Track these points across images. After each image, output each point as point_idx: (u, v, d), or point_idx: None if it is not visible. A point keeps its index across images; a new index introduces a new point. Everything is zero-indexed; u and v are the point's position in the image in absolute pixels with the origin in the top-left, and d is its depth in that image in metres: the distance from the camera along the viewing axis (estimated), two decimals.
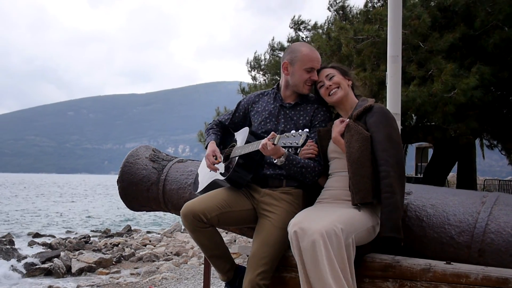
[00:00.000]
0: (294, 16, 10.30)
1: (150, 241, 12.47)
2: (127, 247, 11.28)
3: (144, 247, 11.53)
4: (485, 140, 11.32)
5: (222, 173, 2.16)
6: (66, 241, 12.28)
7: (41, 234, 15.37)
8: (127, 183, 2.79)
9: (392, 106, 3.12)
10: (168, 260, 9.21)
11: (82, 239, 12.79)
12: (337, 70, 2.11)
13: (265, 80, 11.09)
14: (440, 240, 1.90)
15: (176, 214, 2.58)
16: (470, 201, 1.96)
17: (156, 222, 20.66)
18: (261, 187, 2.10)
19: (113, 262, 9.41)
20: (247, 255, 2.04)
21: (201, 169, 2.42)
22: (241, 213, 2.09)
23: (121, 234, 15.00)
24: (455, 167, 11.59)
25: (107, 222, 20.36)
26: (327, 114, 2.15)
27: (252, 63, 11.44)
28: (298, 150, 1.89)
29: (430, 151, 15.46)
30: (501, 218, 1.84)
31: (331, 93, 2.07)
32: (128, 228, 16.45)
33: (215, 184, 2.20)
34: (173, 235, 13.10)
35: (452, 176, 15.77)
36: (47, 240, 13.43)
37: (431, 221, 1.94)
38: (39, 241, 13.46)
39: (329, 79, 2.08)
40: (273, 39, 11.19)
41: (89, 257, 9.36)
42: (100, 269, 8.81)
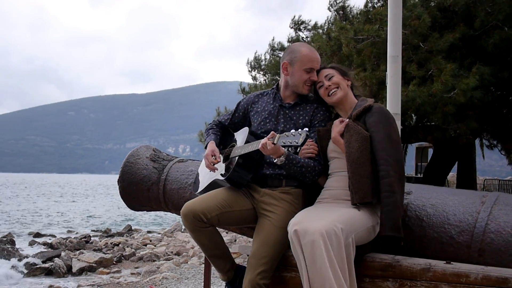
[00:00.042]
0: (294, 16, 10.28)
1: (150, 240, 12.46)
2: (127, 246, 11.28)
3: (144, 246, 11.53)
4: (485, 140, 11.31)
5: (222, 173, 2.16)
6: (67, 241, 12.28)
7: (42, 233, 15.38)
8: (128, 183, 2.79)
9: (392, 106, 3.13)
10: (169, 260, 9.21)
11: (82, 239, 12.80)
12: (336, 70, 2.12)
13: (265, 80, 11.08)
14: (440, 240, 1.90)
15: (176, 214, 2.59)
16: (470, 200, 1.96)
17: (157, 222, 20.68)
18: (261, 187, 2.11)
19: (114, 262, 9.40)
20: (248, 255, 2.04)
21: (201, 169, 2.42)
22: (241, 213, 2.09)
23: (121, 234, 15.00)
24: (455, 167, 11.58)
25: (107, 222, 20.38)
26: (327, 113, 2.15)
27: (252, 63, 11.44)
28: (298, 149, 1.89)
29: (430, 151, 15.46)
30: (501, 218, 1.84)
31: (331, 93, 2.08)
32: (129, 228, 16.46)
33: (215, 184, 2.20)
34: (174, 235, 13.11)
35: (452, 176, 15.77)
36: (47, 240, 13.44)
37: (431, 220, 1.94)
38: (40, 240, 13.47)
39: (328, 80, 2.09)
40: (273, 39, 11.19)
41: (89, 256, 9.36)
42: (101, 269, 8.80)
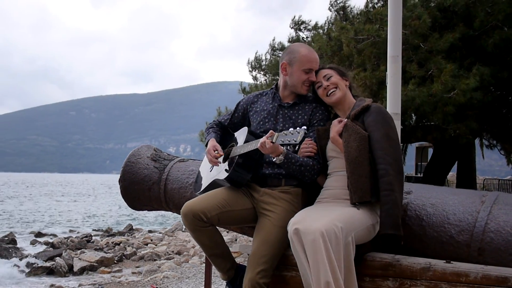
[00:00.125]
0: (294, 17, 10.29)
1: (151, 240, 12.47)
2: (128, 246, 11.29)
3: (145, 246, 11.54)
4: (484, 140, 11.30)
5: (221, 173, 2.16)
6: (68, 240, 12.31)
7: (43, 233, 15.42)
8: (129, 183, 2.80)
9: (392, 106, 3.14)
10: (170, 259, 9.22)
11: (84, 238, 12.83)
12: (335, 70, 2.12)
13: (266, 80, 11.08)
14: (440, 239, 1.91)
15: (177, 213, 2.59)
16: (469, 200, 1.97)
17: (158, 221, 20.70)
18: (260, 186, 2.11)
19: (115, 261, 9.42)
20: (248, 254, 2.04)
21: (202, 169, 2.43)
22: (241, 212, 2.09)
23: (122, 233, 15.03)
24: (455, 167, 11.57)
25: (109, 221, 20.42)
26: (326, 113, 2.15)
27: (253, 63, 11.44)
28: (296, 147, 1.90)
29: (430, 151, 15.44)
30: (500, 217, 1.84)
31: (329, 93, 2.08)
32: (130, 227, 16.49)
33: (215, 184, 2.20)
34: (175, 234, 13.12)
35: (452, 175, 15.76)
36: (49, 239, 13.47)
37: (431, 220, 1.94)
38: (41, 240, 13.51)
39: (326, 80, 2.10)
40: (274, 39, 11.20)
41: (91, 256, 9.38)
42: (102, 268, 8.82)
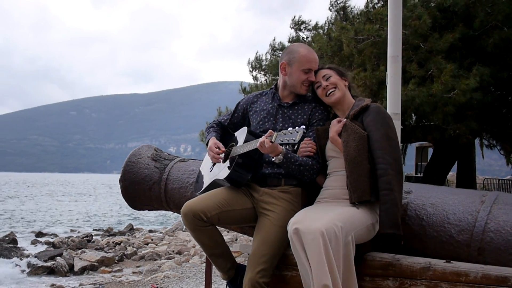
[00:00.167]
0: (294, 17, 10.30)
1: (152, 239, 12.48)
2: (129, 245, 11.30)
3: (146, 245, 11.55)
4: (484, 140, 11.31)
5: (221, 173, 2.17)
6: (69, 240, 12.33)
7: (44, 233, 15.44)
8: (129, 182, 2.80)
9: (392, 105, 3.14)
10: (170, 259, 9.23)
11: (84, 238, 12.85)
12: (334, 71, 2.13)
13: (266, 80, 11.09)
14: (439, 239, 1.91)
15: (177, 213, 2.60)
16: (469, 200, 1.97)
17: (159, 221, 20.72)
18: (260, 186, 2.11)
19: (116, 261, 9.43)
20: (248, 254, 2.05)
21: (202, 169, 2.43)
22: (241, 211, 2.09)
23: (123, 233, 15.05)
24: (455, 167, 11.58)
25: (109, 221, 20.45)
26: (325, 112, 2.16)
27: (253, 63, 11.45)
28: (295, 147, 1.90)
29: (430, 151, 15.44)
30: (500, 217, 1.85)
31: (328, 93, 2.09)
32: (130, 227, 16.51)
33: (215, 184, 2.21)
34: (175, 234, 13.12)
35: (452, 175, 15.77)
36: (50, 239, 13.49)
37: (431, 220, 1.95)
38: (42, 239, 13.53)
39: (326, 80, 2.10)
40: (274, 40, 11.19)
41: (91, 255, 9.39)
42: (103, 268, 8.83)
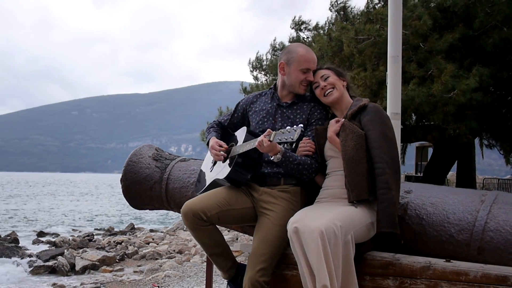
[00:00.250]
0: (294, 17, 10.33)
1: (153, 239, 12.50)
2: (130, 245, 11.32)
3: (147, 245, 11.57)
4: (484, 139, 11.30)
5: (221, 173, 2.18)
6: (70, 239, 12.36)
7: (46, 232, 15.47)
8: (130, 182, 2.81)
9: (392, 105, 3.14)
10: (171, 258, 9.24)
11: (86, 237, 12.88)
12: (332, 71, 2.13)
13: (266, 80, 11.10)
14: (439, 238, 1.91)
15: (178, 212, 2.60)
16: (469, 199, 1.97)
17: (160, 221, 20.75)
18: (260, 185, 2.12)
19: (117, 260, 9.45)
20: (249, 253, 2.06)
21: (203, 169, 2.44)
22: (241, 211, 2.10)
23: (124, 232, 15.07)
24: (455, 166, 11.58)
25: (110, 220, 20.48)
26: (324, 112, 2.16)
27: (254, 63, 11.47)
28: (293, 145, 1.92)
29: (430, 150, 15.44)
30: (500, 217, 1.85)
31: (326, 93, 2.10)
32: (132, 226, 16.54)
33: (215, 184, 2.21)
34: (176, 233, 13.15)
35: (452, 175, 15.77)
36: (51, 238, 13.52)
37: (431, 219, 1.95)
38: (44, 239, 13.55)
39: (324, 80, 2.11)
40: (275, 40, 11.24)
41: (92, 255, 9.41)
42: (104, 267, 8.84)
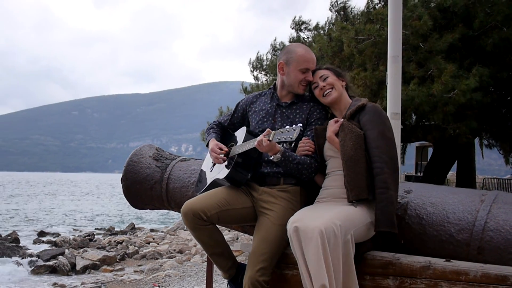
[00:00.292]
0: (295, 17, 10.34)
1: (153, 239, 12.52)
2: (131, 244, 11.34)
3: (147, 244, 11.59)
4: (484, 139, 11.30)
5: (221, 173, 2.18)
6: (71, 239, 12.38)
7: (46, 232, 15.49)
8: (131, 182, 2.81)
9: (392, 105, 3.14)
10: (171, 258, 9.26)
11: (86, 237, 12.90)
12: (331, 71, 2.14)
13: (267, 80, 11.11)
14: (439, 238, 1.91)
15: (179, 212, 2.60)
16: (469, 199, 1.97)
17: (160, 220, 20.77)
18: (260, 185, 2.12)
19: (117, 260, 9.46)
20: (249, 253, 2.06)
21: (203, 169, 2.44)
22: (241, 210, 2.10)
23: (125, 232, 15.09)
24: (455, 166, 11.59)
25: (111, 220, 20.51)
26: (323, 112, 2.17)
27: (254, 63, 11.48)
28: (292, 145, 1.92)
29: (430, 150, 15.44)
30: (499, 216, 1.85)
31: (325, 93, 2.10)
32: (132, 226, 16.56)
33: (215, 184, 2.22)
34: (176, 233, 13.16)
35: (452, 174, 15.76)
36: (52, 238, 13.54)
37: (431, 219, 1.95)
38: (44, 239, 13.57)
39: (323, 80, 2.11)
40: (275, 40, 11.25)
41: (93, 254, 9.43)
42: (104, 267, 8.86)
